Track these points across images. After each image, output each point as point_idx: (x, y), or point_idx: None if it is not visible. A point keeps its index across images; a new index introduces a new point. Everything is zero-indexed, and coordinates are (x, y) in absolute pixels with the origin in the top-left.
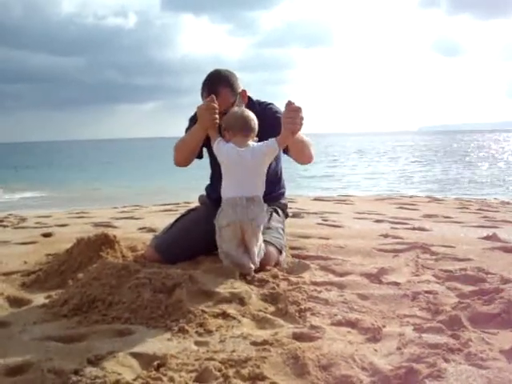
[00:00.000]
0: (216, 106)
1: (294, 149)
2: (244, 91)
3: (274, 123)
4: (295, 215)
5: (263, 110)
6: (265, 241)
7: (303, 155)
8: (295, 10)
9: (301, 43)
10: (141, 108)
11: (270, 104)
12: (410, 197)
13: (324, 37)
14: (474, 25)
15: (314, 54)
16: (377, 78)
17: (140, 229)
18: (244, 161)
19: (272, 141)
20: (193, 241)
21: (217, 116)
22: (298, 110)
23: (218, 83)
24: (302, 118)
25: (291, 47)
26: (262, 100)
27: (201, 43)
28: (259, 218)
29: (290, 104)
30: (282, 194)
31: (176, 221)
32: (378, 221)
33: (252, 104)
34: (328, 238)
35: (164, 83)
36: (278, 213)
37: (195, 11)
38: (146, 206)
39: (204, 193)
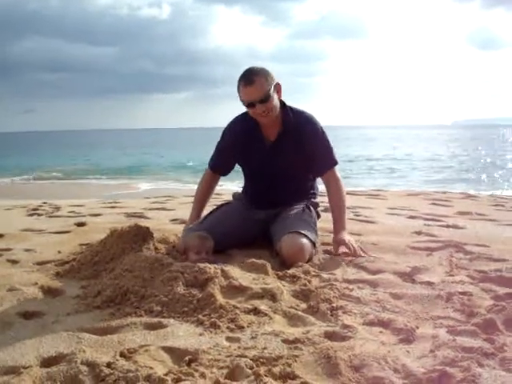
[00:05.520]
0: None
1: None
2: (279, 84)
3: (310, 155)
4: (327, 209)
5: (301, 124)
6: (299, 232)
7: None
8: (328, 1)
9: (334, 35)
10: (174, 98)
11: (309, 120)
12: (444, 192)
13: (358, 29)
14: (509, 18)
15: (348, 46)
16: (411, 70)
17: (172, 220)
18: None
19: None
20: (227, 233)
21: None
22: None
23: (252, 74)
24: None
25: (324, 39)
26: (296, 107)
27: (234, 34)
28: None
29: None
30: (314, 194)
31: (209, 214)
32: (411, 217)
33: (286, 111)
34: (360, 234)
35: (197, 73)
36: (309, 209)
37: (227, 2)
38: (178, 196)
39: (238, 190)
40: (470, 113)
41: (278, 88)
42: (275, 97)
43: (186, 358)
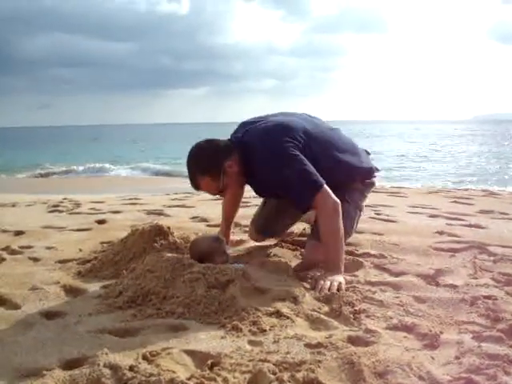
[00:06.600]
0: None
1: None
2: (228, 164)
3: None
4: None
5: (258, 159)
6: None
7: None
8: None
9: (353, 30)
10: (192, 93)
11: (260, 151)
12: (465, 190)
13: (378, 23)
14: None
15: (367, 40)
16: (431, 65)
17: (192, 218)
18: None
19: None
20: (284, 218)
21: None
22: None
23: (194, 176)
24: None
25: (343, 33)
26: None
27: (252, 29)
28: None
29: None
30: None
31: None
32: (432, 216)
33: (243, 156)
34: (382, 234)
35: (215, 69)
36: None
37: None
38: (198, 193)
39: None
40: (490, 107)
41: (229, 166)
42: (228, 179)
43: (209, 362)
